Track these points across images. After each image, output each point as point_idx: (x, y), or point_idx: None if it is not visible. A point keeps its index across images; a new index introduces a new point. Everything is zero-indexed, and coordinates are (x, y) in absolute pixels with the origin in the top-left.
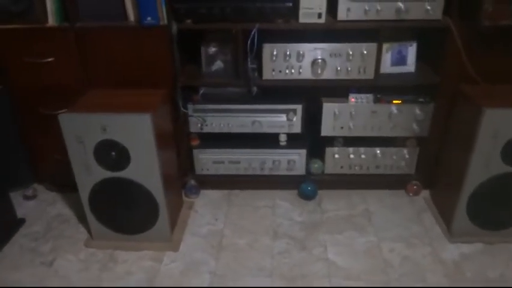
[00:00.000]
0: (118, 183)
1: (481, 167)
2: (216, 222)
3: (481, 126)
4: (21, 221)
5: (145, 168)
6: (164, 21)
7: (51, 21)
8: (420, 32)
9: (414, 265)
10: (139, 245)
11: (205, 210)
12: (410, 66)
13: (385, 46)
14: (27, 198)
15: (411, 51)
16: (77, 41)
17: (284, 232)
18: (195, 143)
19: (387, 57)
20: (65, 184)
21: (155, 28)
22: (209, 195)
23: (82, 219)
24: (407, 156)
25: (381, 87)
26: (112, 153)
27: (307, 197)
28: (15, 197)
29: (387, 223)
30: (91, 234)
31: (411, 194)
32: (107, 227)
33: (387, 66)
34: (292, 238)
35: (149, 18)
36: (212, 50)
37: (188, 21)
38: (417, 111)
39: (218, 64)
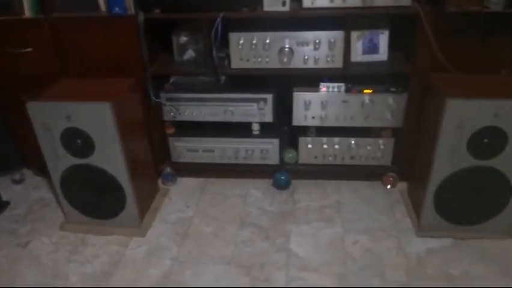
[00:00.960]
0: (85, 169)
1: (446, 159)
2: (186, 209)
3: (444, 117)
4: (6, 204)
5: (109, 155)
6: (132, 10)
7: (28, 12)
8: (394, 20)
9: (376, 258)
10: (109, 230)
11: (179, 198)
12: (382, 54)
13: (355, 34)
14: (15, 182)
15: (383, 39)
16: (53, 32)
17: (251, 221)
18: (170, 131)
19: (358, 46)
20: None
21: (124, 18)
22: (185, 182)
23: None
24: (382, 147)
25: (352, 76)
26: (78, 141)
27: (280, 186)
28: (4, 181)
29: (357, 215)
30: (66, 218)
31: (388, 186)
32: (80, 211)
33: (358, 55)
34: (258, 227)
35: (117, 8)
36: (183, 39)
37: (157, 10)
38: (390, 101)
39: (189, 53)
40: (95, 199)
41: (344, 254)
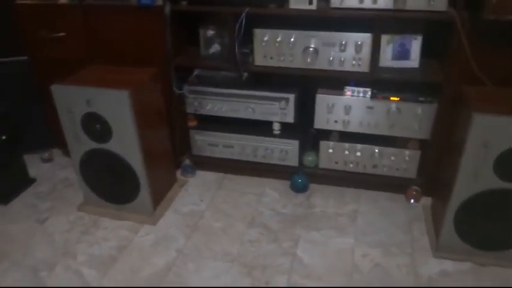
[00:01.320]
0: (103, 154)
1: (470, 178)
2: (200, 203)
3: (470, 132)
4: (32, 181)
5: (126, 142)
6: (159, 1)
7: None
8: (429, 25)
9: (384, 274)
10: (122, 215)
11: (195, 190)
12: (414, 61)
13: (386, 38)
14: (44, 160)
15: (415, 45)
16: (84, 18)
17: (262, 221)
18: (192, 123)
19: (388, 50)
20: None
21: (152, 8)
22: (204, 176)
23: None
24: (407, 158)
25: (379, 82)
26: (97, 126)
27: (297, 189)
28: (34, 159)
29: (372, 227)
30: (84, 200)
31: (411, 200)
32: (97, 194)
33: (387, 60)
34: (268, 228)
35: None
36: (210, 33)
37: (184, 2)
38: (419, 111)
39: (215, 47)
40: (111, 184)
41: (351, 266)
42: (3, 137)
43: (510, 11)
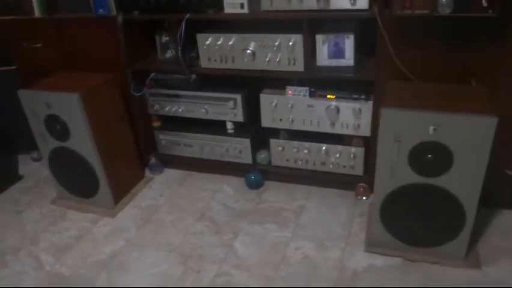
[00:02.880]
0: (65, 151)
1: (387, 174)
2: (159, 198)
3: (381, 127)
4: (20, 177)
5: (82, 141)
6: (114, 12)
7: (37, 13)
8: (364, 24)
9: (310, 267)
10: (87, 208)
11: (158, 187)
12: (348, 59)
13: (321, 38)
14: (33, 159)
15: (348, 43)
16: (56, 30)
17: (210, 215)
18: (156, 124)
19: (324, 50)
20: None
21: (107, 18)
22: (170, 174)
23: None
24: (352, 156)
25: (319, 81)
26: (57, 126)
27: (251, 185)
28: (26, 159)
29: (314, 222)
30: (57, 194)
31: (363, 197)
32: (65, 189)
33: (324, 59)
34: (214, 222)
35: (101, 10)
36: (165, 39)
37: (136, 12)
38: (356, 108)
39: (170, 52)
40: (75, 179)
41: (281, 258)
42: None
43: (419, 6)
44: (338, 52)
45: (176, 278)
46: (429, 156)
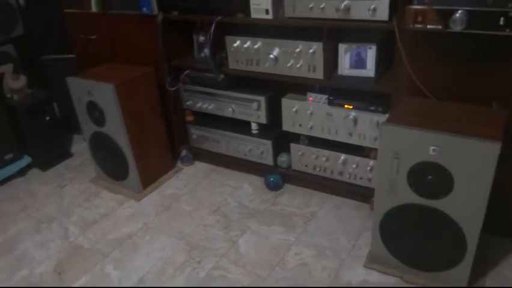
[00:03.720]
0: (102, 136)
1: (387, 191)
2: (183, 188)
3: (380, 143)
4: (70, 155)
5: (116, 128)
6: (156, 11)
7: (94, 8)
8: (388, 36)
9: (305, 274)
10: (118, 190)
11: (185, 178)
12: (369, 70)
13: (343, 47)
14: (84, 140)
15: (370, 54)
16: (108, 25)
17: (224, 211)
18: (190, 118)
19: (346, 59)
20: None
21: (150, 17)
22: (198, 166)
23: None
24: (369, 168)
25: (337, 89)
26: (96, 112)
27: (269, 187)
28: (79, 139)
29: (321, 230)
30: (96, 174)
31: (373, 211)
32: (102, 170)
33: (345, 68)
34: (226, 217)
35: (144, 9)
36: (201, 38)
37: (175, 12)
38: (373, 120)
39: (205, 52)
40: (110, 162)
41: (278, 260)
42: (47, 118)
43: (429, 21)
44: (360, 62)
45: (178, 264)
46: (430, 177)
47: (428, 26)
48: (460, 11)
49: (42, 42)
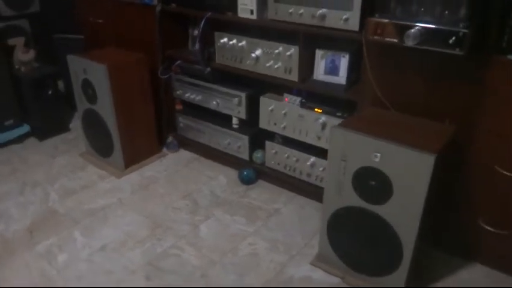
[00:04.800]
0: (93, 113)
1: (334, 192)
2: (162, 172)
3: (329, 145)
4: (68, 130)
5: (105, 107)
6: (156, 2)
7: None
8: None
9: (253, 263)
10: (103, 166)
11: (167, 163)
12: (342, 77)
13: (320, 53)
14: None
15: (343, 62)
16: (114, 10)
17: (195, 197)
18: (179, 107)
19: (321, 65)
20: None
21: (150, 7)
22: (183, 154)
23: None
24: None
25: (311, 93)
26: (89, 90)
27: (242, 180)
28: (78, 116)
29: (280, 226)
30: (85, 149)
31: None
32: (91, 145)
33: (320, 74)
34: (195, 203)
35: None
36: (195, 32)
37: (173, 5)
38: None
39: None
40: (98, 139)
41: (232, 248)
42: (50, 92)
43: (387, 34)
44: (334, 69)
45: (139, 238)
46: (372, 182)
47: (386, 39)
48: (415, 27)
49: (57, 21)
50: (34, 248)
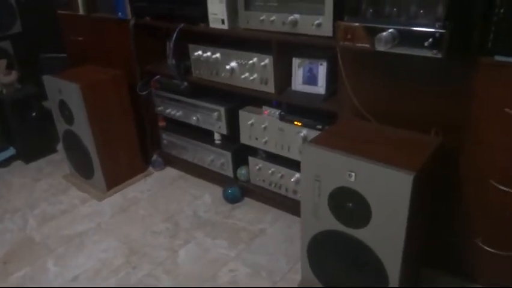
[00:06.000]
0: (71, 134)
1: (311, 214)
2: (145, 192)
3: (302, 163)
4: (55, 151)
5: (82, 127)
6: (130, 16)
7: (81, 10)
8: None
9: None
10: (86, 188)
11: (151, 182)
12: (320, 87)
13: (297, 61)
14: None
15: (321, 70)
16: (93, 27)
17: (176, 219)
18: (162, 123)
19: (299, 74)
20: None
21: (125, 21)
22: (168, 172)
23: None
24: None
25: (291, 105)
26: (66, 111)
27: (227, 199)
28: None
29: (264, 248)
30: (69, 171)
31: None
32: (74, 168)
33: (298, 83)
34: (176, 226)
35: (120, 13)
36: (171, 45)
37: (148, 18)
38: None
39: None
40: (78, 160)
41: (211, 275)
42: (33, 114)
43: (358, 39)
44: (312, 78)
45: (114, 267)
46: (349, 204)
47: (357, 44)
48: (387, 30)
49: (42, 40)
50: (6, 279)
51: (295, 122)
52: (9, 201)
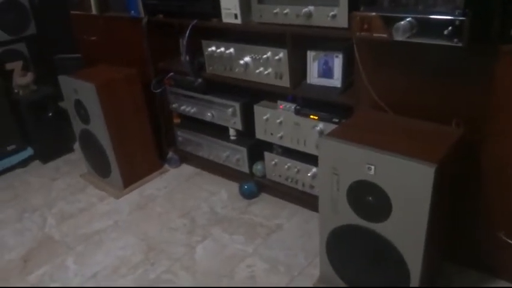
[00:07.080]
0: (88, 133)
1: (330, 209)
2: (162, 189)
3: (319, 157)
4: (72, 150)
5: (98, 126)
6: (143, 14)
7: (94, 10)
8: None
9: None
10: (103, 186)
11: (168, 179)
12: (336, 80)
13: (312, 54)
14: None
15: (337, 63)
16: (106, 26)
17: (193, 215)
18: (177, 120)
19: (314, 67)
20: None
21: (138, 19)
22: (184, 169)
23: None
24: None
25: (307, 99)
26: (82, 110)
27: (243, 195)
28: None
29: (282, 244)
30: (87, 170)
31: None
32: (91, 167)
33: (314, 77)
34: (193, 222)
35: (132, 12)
36: (185, 42)
37: (160, 16)
38: None
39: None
40: (96, 159)
41: (229, 271)
42: (50, 114)
43: (375, 29)
44: (327, 71)
45: (132, 264)
46: (369, 198)
47: (374, 35)
48: (405, 19)
49: (56, 41)
50: (26, 278)
51: (311, 116)
52: (28, 200)
